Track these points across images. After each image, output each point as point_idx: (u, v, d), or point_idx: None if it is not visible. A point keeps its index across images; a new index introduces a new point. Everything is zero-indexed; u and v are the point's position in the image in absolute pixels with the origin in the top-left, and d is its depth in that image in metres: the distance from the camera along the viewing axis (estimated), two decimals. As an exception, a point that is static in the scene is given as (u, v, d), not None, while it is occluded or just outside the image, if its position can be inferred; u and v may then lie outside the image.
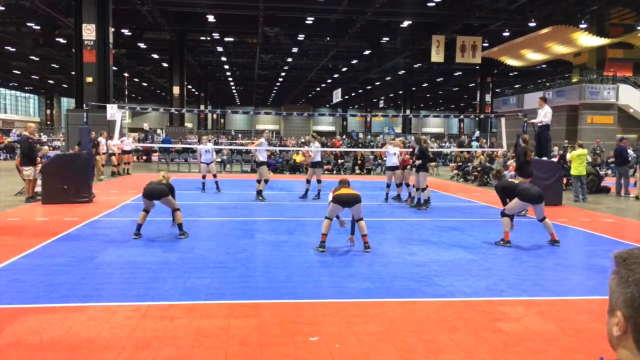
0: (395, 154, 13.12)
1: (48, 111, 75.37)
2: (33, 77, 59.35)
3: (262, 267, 6.49)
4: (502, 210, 8.06)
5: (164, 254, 7.08)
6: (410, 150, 12.94)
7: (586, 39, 29.72)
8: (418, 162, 11.93)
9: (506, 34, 33.43)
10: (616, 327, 1.06)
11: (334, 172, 23.13)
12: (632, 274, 1.04)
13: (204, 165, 14.89)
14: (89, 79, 21.71)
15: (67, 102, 74.42)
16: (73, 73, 24.29)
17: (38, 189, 12.07)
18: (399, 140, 14.42)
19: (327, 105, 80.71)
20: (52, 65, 48.56)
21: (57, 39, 36.05)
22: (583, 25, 29.85)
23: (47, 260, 6.61)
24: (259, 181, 13.07)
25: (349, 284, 5.80)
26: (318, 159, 13.56)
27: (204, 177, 14.89)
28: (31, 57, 44.55)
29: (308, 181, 13.58)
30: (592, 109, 30.05)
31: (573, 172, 14.48)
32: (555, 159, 15.82)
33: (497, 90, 42.90)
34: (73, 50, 23.56)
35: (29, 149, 12.22)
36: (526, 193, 7.86)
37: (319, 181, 13.24)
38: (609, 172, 21.38)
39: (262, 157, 13.18)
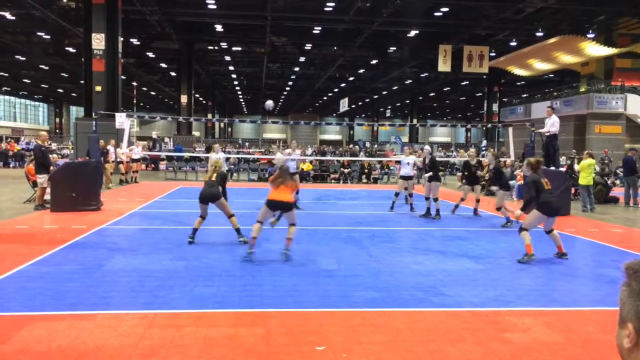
0: (409, 163, 13.17)
1: (57, 120, 76.08)
2: (43, 85, 59.98)
3: (268, 275, 6.49)
4: (520, 225, 7.69)
5: (171, 262, 7.10)
6: (421, 159, 13.04)
7: (594, 49, 29.69)
8: (429, 174, 12.10)
9: (513, 43, 33.44)
10: (627, 339, 1.06)
11: (341, 181, 23.12)
12: (643, 286, 1.04)
13: None
14: (98, 88, 21.93)
15: (76, 111, 75.15)
16: (82, 82, 24.54)
17: (47, 196, 12.16)
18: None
19: (334, 114, 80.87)
20: (62, 74, 49.05)
21: (66, 49, 36.46)
22: (590, 35, 29.83)
23: (55, 268, 6.65)
24: None
25: (355, 293, 5.78)
26: (293, 169, 13.68)
27: None
28: (41, 66, 45.05)
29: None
30: (600, 118, 29.94)
31: (581, 181, 14.43)
32: (563, 169, 15.76)
33: (504, 99, 42.88)
34: (82, 59, 23.82)
35: (43, 157, 12.32)
36: (547, 206, 7.45)
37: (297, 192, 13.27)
38: (618, 182, 21.23)
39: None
